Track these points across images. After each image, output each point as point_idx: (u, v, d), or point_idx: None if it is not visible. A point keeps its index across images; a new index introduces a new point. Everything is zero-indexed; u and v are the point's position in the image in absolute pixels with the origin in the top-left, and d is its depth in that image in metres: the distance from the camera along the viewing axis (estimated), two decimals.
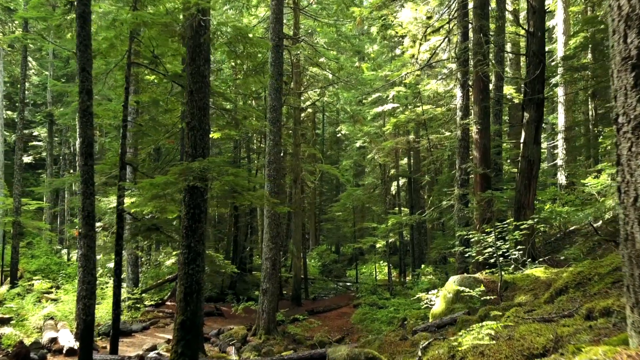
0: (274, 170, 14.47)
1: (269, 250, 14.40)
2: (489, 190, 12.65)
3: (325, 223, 34.49)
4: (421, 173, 23.57)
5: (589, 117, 23.13)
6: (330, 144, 45.06)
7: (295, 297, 21.44)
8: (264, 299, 14.34)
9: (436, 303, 9.17)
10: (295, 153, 21.83)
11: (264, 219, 14.58)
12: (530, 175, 12.44)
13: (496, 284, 8.42)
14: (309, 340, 15.23)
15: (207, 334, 14.25)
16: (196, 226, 6.99)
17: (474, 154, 12.94)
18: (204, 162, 6.60)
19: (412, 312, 15.66)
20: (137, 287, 16.61)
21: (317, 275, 31.20)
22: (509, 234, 8.84)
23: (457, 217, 13.12)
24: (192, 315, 6.83)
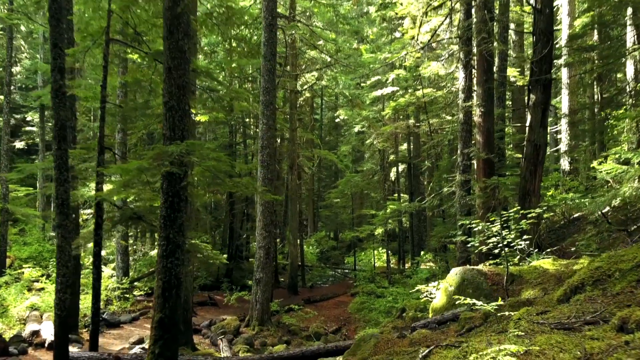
0: (268, 155, 13.84)
1: (262, 238, 13.84)
2: (493, 176, 12.05)
3: (323, 210, 33.95)
4: (421, 158, 22.95)
5: (594, 100, 22.44)
6: (329, 129, 44.36)
7: (292, 286, 20.96)
8: (257, 289, 13.83)
9: (437, 296, 8.61)
10: (292, 138, 21.18)
11: (257, 207, 14.00)
12: (536, 160, 11.82)
13: (501, 277, 7.85)
14: (304, 331, 14.75)
15: (198, 325, 13.75)
16: (175, 216, 6.39)
17: (477, 138, 12.30)
18: (182, 145, 5.97)
19: (411, 302, 15.15)
20: (127, 276, 16.07)
21: (314, 263, 30.73)
22: (515, 223, 8.24)
23: (458, 204, 12.53)
24: (171, 313, 6.26)
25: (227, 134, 26.94)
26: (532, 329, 3.66)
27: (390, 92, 21.55)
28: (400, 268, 24.92)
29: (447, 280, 8.37)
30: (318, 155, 27.57)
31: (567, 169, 21.78)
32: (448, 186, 13.43)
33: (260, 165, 13.92)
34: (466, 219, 8.40)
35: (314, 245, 34.08)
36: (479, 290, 7.74)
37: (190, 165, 6.08)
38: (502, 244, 7.55)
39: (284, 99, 26.54)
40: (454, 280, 8.15)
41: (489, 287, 7.73)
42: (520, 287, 7.48)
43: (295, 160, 21.23)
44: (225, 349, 11.69)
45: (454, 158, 20.10)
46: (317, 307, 18.54)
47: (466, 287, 7.89)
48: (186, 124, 6.59)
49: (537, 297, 6.49)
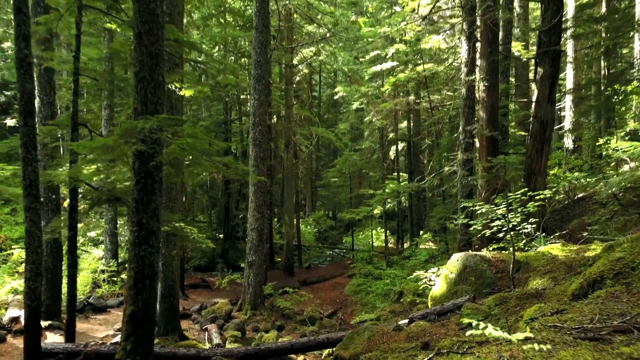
0: (260, 133, 13.17)
1: (254, 220, 13.26)
2: (497, 154, 11.41)
3: (321, 189, 33.34)
4: (421, 136, 22.24)
5: (601, 76, 21.65)
6: (328, 106, 43.52)
7: (288, 267, 20.49)
8: (249, 272, 13.31)
9: (436, 283, 8.06)
10: (288, 115, 20.46)
11: (250, 187, 13.38)
12: (543, 138, 11.17)
13: (506, 264, 7.28)
14: (299, 315, 14.28)
15: (188, 309, 13.27)
16: (149, 199, 5.77)
17: (480, 115, 11.62)
18: (152, 120, 5.32)
19: (409, 285, 14.67)
20: (116, 258, 15.54)
21: (312, 243, 30.27)
22: (521, 205, 7.61)
23: (459, 184, 11.92)
24: (145, 306, 5.69)
25: (222, 111, 26.16)
26: (551, 338, 3.07)
27: (389, 67, 20.73)
28: (399, 248, 24.45)
29: (447, 267, 7.80)
30: (316, 134, 26.87)
31: (571, 147, 21.12)
32: (449, 165, 12.79)
33: (252, 143, 13.26)
34: (469, 202, 7.81)
35: (312, 225, 33.59)
36: (482, 279, 7.18)
37: (163, 143, 5.44)
38: (508, 228, 6.96)
39: (280, 75, 25.70)
40: (455, 267, 7.58)
41: (492, 275, 7.17)
42: (527, 275, 6.91)
43: (292, 138, 20.54)
44: (215, 335, 11.20)
45: (455, 136, 19.41)
46: (313, 289, 18.08)
47: (468, 275, 7.33)
48: (160, 96, 5.92)
49: (546, 288, 5.92)
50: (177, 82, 9.52)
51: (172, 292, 10.32)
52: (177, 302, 10.53)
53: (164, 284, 10.24)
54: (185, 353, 7.17)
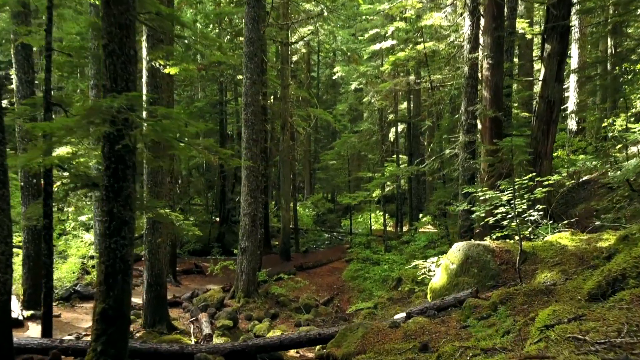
0: (252, 114, 12.58)
1: (247, 205, 12.74)
2: (501, 137, 10.85)
3: (319, 172, 32.77)
4: (421, 117, 21.60)
5: (607, 55, 20.93)
6: (326, 87, 42.74)
7: (284, 251, 20.05)
8: (242, 258, 12.84)
9: (436, 274, 7.57)
10: (284, 96, 19.79)
11: (242, 170, 12.84)
12: (550, 119, 10.61)
13: (511, 255, 6.78)
14: (294, 302, 13.86)
15: (179, 297, 12.85)
16: (120, 186, 5.24)
17: (483, 94, 11.03)
18: (120, 99, 4.75)
19: (408, 271, 14.22)
20: None
21: (310, 226, 29.83)
22: (528, 191, 7.08)
23: (461, 168, 11.36)
24: (117, 303, 5.20)
25: (217, 92, 25.46)
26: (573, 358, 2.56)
27: (389, 45, 20.01)
28: (398, 232, 24.01)
29: (448, 257, 7.30)
30: (314, 115, 26.24)
31: (575, 128, 20.52)
32: (450, 148, 12.23)
33: (245, 124, 12.67)
34: (472, 187, 7.29)
35: (310, 208, 33.12)
36: (485, 270, 6.68)
37: (134, 125, 4.88)
38: (514, 216, 6.44)
39: (277, 54, 24.94)
40: (456, 258, 7.08)
41: (496, 266, 6.67)
42: (534, 267, 6.42)
43: (288, 119, 19.91)
44: (206, 325, 10.77)
45: (457, 117, 18.77)
46: (310, 275, 17.66)
47: (470, 266, 6.83)
48: (132, 72, 5.33)
49: (556, 283, 5.43)
50: (161, 59, 8.90)
51: (159, 281, 9.86)
52: (165, 291, 10.08)
53: (150, 273, 9.78)
54: (167, 349, 6.71)
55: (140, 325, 9.87)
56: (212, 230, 24.93)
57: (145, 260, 9.85)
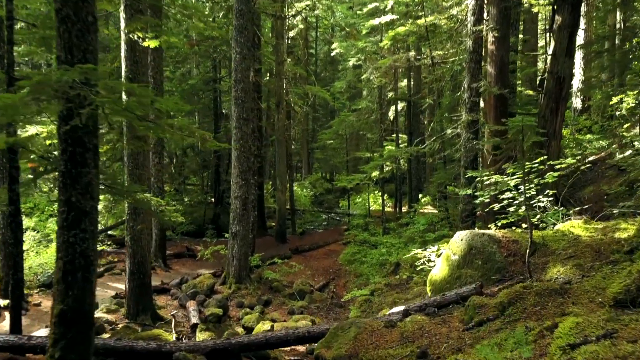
0: (242, 91, 11.87)
1: (238, 187, 12.14)
2: (506, 115, 10.17)
3: (316, 152, 32.07)
4: (422, 95, 20.82)
5: (615, 30, 20.06)
6: (324, 64, 41.77)
7: (280, 234, 19.53)
8: (234, 243, 12.29)
9: (437, 265, 6.99)
10: (278, 72, 19.01)
11: (232, 151, 12.19)
12: (559, 96, 9.92)
13: (519, 245, 6.18)
14: (288, 287, 13.36)
15: (167, 283, 12.32)
16: (79, 172, 4.61)
17: (488, 70, 10.32)
18: (73, 72, 4.09)
19: (406, 255, 13.71)
20: None
21: (308, 207, 29.29)
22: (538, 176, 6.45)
23: (463, 148, 10.72)
24: (77, 303, 4.62)
25: (211, 69, 24.61)
26: None
27: (388, 20, 19.13)
28: (397, 213, 23.46)
29: (449, 247, 6.71)
30: (311, 93, 25.44)
31: (580, 107, 19.82)
32: (452, 127, 11.56)
33: (234, 102, 11.97)
34: (476, 172, 6.66)
35: (308, 188, 32.55)
36: (491, 263, 6.10)
37: (87, 102, 4.22)
38: (525, 203, 5.83)
39: (272, 29, 24.01)
40: (458, 248, 6.49)
41: (503, 258, 6.08)
42: (544, 260, 5.83)
43: (283, 97, 19.16)
44: (194, 314, 10.27)
45: (458, 95, 18.04)
46: (306, 258, 17.16)
47: (474, 258, 6.25)
48: (91, 42, 4.66)
49: (572, 281, 4.84)
50: (139, 32, 8.18)
51: (142, 269, 9.30)
52: (149, 279, 9.53)
53: (132, 260, 9.21)
54: (144, 347, 6.17)
55: (123, 315, 9.36)
56: (207, 211, 24.37)
57: (127, 247, 9.28)
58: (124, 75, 8.88)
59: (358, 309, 11.00)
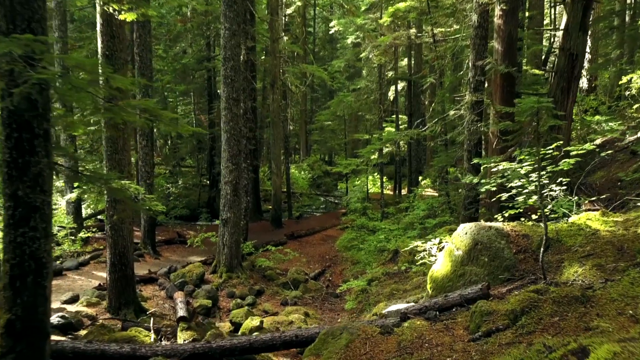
0: (232, 69, 11.15)
1: (228, 172, 11.51)
2: (514, 96, 9.50)
3: (314, 133, 31.31)
4: (423, 73, 20.03)
5: (626, 5, 19.20)
6: (323, 43, 40.78)
7: (275, 218, 18.98)
8: (224, 230, 11.71)
9: (438, 260, 6.40)
10: (273, 50, 18.21)
11: (222, 134, 11.53)
12: (571, 75, 9.22)
13: (530, 241, 5.58)
14: (282, 275, 12.84)
15: (155, 272, 11.77)
16: (26, 161, 3.99)
17: (495, 46, 9.59)
18: (11, 44, 3.43)
19: (405, 242, 13.15)
20: (80, 212, 13.89)
21: (305, 190, 28.71)
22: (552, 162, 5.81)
23: (466, 131, 10.06)
24: (27, 312, 4.04)
25: (204, 47, 23.74)
26: None
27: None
28: (396, 197, 22.89)
29: (452, 241, 6.11)
30: (310, 72, 24.63)
31: (586, 87, 19.07)
32: (454, 108, 10.87)
33: (224, 82, 11.27)
34: (482, 159, 6.03)
35: (306, 171, 31.92)
36: (498, 260, 5.50)
37: (23, 78, 3.58)
38: (538, 193, 5.21)
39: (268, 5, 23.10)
40: (462, 242, 5.89)
41: (512, 255, 5.48)
42: (559, 257, 5.23)
43: (278, 76, 18.41)
44: (181, 306, 9.71)
45: (461, 74, 17.28)
46: (301, 244, 16.63)
47: (480, 254, 5.65)
48: (38, 10, 3.98)
49: (593, 286, 4.24)
50: (114, 4, 7.47)
51: (124, 260, 8.72)
52: (132, 270, 8.96)
53: (113, 251, 8.63)
54: (117, 350, 5.62)
55: (105, 309, 8.81)
56: (201, 194, 23.79)
57: (107, 238, 8.69)
58: (100, 52, 8.19)
59: (354, 300, 10.48)
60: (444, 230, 11.04)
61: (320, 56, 38.48)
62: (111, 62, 8.17)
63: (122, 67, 8.33)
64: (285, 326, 8.51)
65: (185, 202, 22.47)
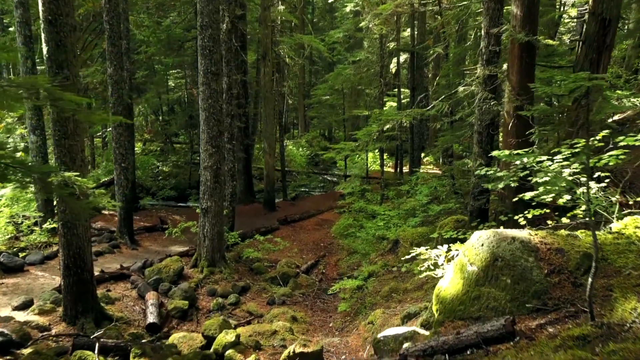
0: (210, 39, 9.78)
1: (208, 156, 10.25)
2: (534, 69, 8.16)
3: (310, 109, 29.85)
4: (429, 42, 18.46)
5: None
6: (322, 12, 38.93)
7: (268, 201, 17.80)
8: (205, 220, 10.53)
9: (447, 274, 5.20)
10: (264, 19, 16.71)
11: (200, 113, 10.22)
12: (602, 44, 7.85)
13: (565, 258, 4.36)
14: (271, 268, 11.72)
15: (127, 268, 10.62)
16: None
17: (513, 11, 8.18)
18: None
19: (406, 230, 11.94)
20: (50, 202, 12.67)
21: (303, 167, 27.47)
22: (596, 157, 4.54)
23: (477, 110, 8.72)
24: None
25: (194, 16, 22.12)
26: None
27: None
28: (397, 175, 21.64)
29: (464, 252, 4.89)
30: (308, 44, 23.09)
31: None
32: (463, 85, 9.50)
33: (201, 53, 9.90)
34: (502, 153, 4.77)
35: (304, 147, 30.61)
36: (525, 283, 4.29)
37: None
38: (586, 202, 3.97)
39: None
40: (477, 256, 4.67)
41: (543, 277, 4.26)
42: (605, 282, 4.01)
43: (270, 47, 16.94)
44: (152, 309, 8.63)
45: (467, 45, 15.80)
46: (295, 229, 15.49)
47: (500, 273, 4.44)
48: None
49: None
50: None
51: (80, 262, 7.54)
52: (89, 273, 7.78)
53: (67, 252, 7.45)
54: None
55: (60, 317, 7.69)
56: (193, 173, 22.54)
57: (59, 237, 7.50)
58: (41, 16, 6.84)
59: (348, 302, 9.35)
60: (450, 222, 9.82)
61: (319, 26, 36.72)
62: (55, 29, 6.85)
63: (69, 35, 7.00)
64: (267, 338, 7.38)
65: (174, 182, 21.28)
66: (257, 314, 9.26)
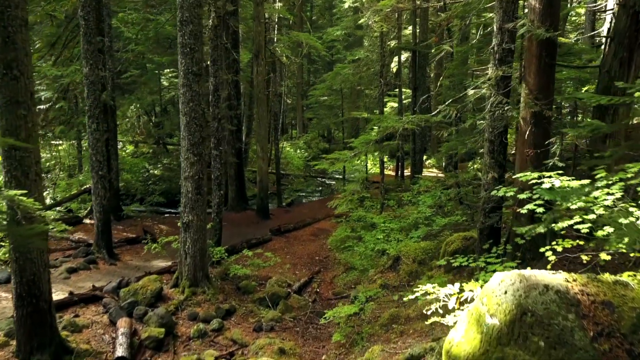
0: (191, 35, 8.81)
1: (189, 165, 9.29)
2: (553, 70, 7.19)
3: (307, 110, 28.87)
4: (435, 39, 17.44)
5: None
6: (321, 10, 38.00)
7: (261, 209, 16.84)
8: (186, 236, 9.57)
9: (459, 326, 4.22)
10: (257, 15, 15.72)
11: (180, 117, 9.25)
12: (635, 40, 6.88)
13: (616, 315, 3.39)
14: (260, 287, 10.76)
15: (100, 288, 9.64)
16: None
17: (531, 3, 7.19)
18: None
19: (408, 245, 10.97)
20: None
21: (301, 170, 26.53)
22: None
23: (489, 115, 7.75)
24: None
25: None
26: None
27: None
28: (398, 180, 20.71)
29: (483, 300, 3.90)
30: (306, 42, 22.12)
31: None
32: (472, 87, 8.51)
33: (181, 51, 8.93)
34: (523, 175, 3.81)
35: (302, 149, 29.66)
36: (565, 347, 3.31)
37: None
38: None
39: None
40: (500, 307, 3.69)
41: (588, 341, 3.28)
42: None
43: (263, 45, 15.97)
44: (123, 340, 7.68)
45: (474, 42, 14.83)
46: (288, 241, 14.53)
47: (530, 332, 3.46)
48: None
49: None
50: None
51: (35, 291, 6.58)
52: (47, 303, 6.82)
53: (19, 280, 6.49)
54: None
55: (12, 354, 6.73)
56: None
57: (11, 262, 6.53)
58: None
59: (343, 330, 8.37)
60: (457, 240, 8.88)
61: (319, 24, 35.79)
62: (2, 23, 5.89)
63: (19, 30, 6.04)
64: None
65: (165, 186, 20.31)
66: (241, 343, 8.31)
